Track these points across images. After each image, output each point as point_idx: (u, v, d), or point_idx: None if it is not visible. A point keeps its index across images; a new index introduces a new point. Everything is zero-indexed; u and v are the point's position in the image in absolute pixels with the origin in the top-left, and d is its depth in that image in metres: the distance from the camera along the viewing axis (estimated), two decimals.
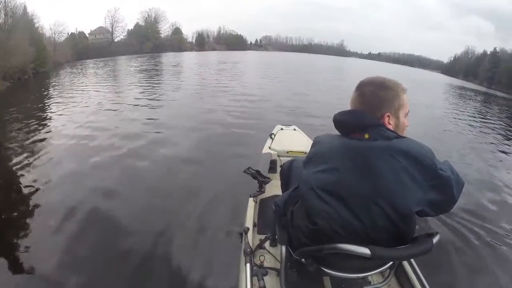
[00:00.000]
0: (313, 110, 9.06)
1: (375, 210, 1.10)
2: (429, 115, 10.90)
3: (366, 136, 1.15)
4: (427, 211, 1.14)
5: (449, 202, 1.18)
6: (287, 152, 3.20)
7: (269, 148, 3.32)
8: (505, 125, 12.62)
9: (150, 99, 10.00)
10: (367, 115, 1.18)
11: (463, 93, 26.31)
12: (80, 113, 8.00)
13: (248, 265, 1.64)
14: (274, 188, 2.50)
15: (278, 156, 3.19)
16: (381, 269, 1.31)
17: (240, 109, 8.74)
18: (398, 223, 1.10)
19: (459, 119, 11.72)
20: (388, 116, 1.20)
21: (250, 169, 2.58)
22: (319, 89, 14.58)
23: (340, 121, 1.24)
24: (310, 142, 1.58)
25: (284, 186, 1.95)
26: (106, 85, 13.03)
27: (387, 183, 1.08)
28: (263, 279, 1.57)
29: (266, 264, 1.83)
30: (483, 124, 11.52)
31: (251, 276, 1.57)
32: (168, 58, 34.98)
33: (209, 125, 6.99)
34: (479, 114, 14.43)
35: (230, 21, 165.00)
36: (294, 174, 1.84)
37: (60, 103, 9.41)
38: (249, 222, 2.20)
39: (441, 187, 1.12)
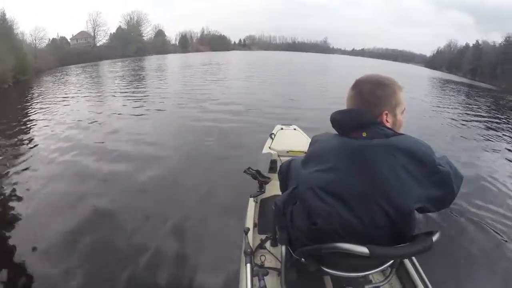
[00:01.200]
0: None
1: (375, 208, 1.11)
2: (415, 106, 11.23)
3: (364, 134, 1.16)
4: (428, 207, 1.15)
5: (449, 197, 1.19)
6: (287, 152, 3.22)
7: (269, 148, 3.32)
8: (490, 115, 12.98)
9: (136, 107, 9.56)
10: (365, 114, 1.19)
11: (449, 85, 26.87)
12: (61, 124, 7.54)
13: (248, 265, 1.64)
14: (274, 188, 2.48)
15: (278, 156, 3.20)
16: (382, 267, 1.32)
17: (233, 110, 8.72)
18: (398, 221, 1.11)
19: (444, 109, 12.10)
20: (386, 114, 1.22)
21: (250, 169, 2.57)
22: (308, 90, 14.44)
23: (338, 120, 1.24)
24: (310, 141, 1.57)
25: (283, 186, 1.96)
26: (88, 94, 12.53)
27: (386, 181, 1.09)
28: (263, 279, 1.57)
29: (266, 264, 1.85)
30: (469, 115, 11.84)
31: (252, 276, 1.58)
32: (151, 61, 34.50)
33: (204, 128, 6.95)
34: (466, 105, 14.97)
35: (213, 22, 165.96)
36: (293, 174, 1.84)
37: (41, 113, 8.92)
38: (249, 222, 2.21)
39: (441, 182, 1.13)
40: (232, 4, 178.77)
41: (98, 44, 49.39)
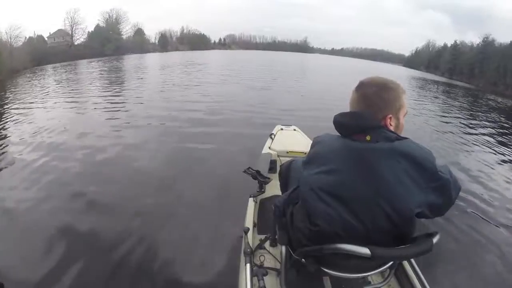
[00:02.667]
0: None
1: (376, 211, 1.11)
2: None
3: (368, 138, 1.15)
4: (426, 213, 1.16)
5: (446, 204, 1.20)
6: (287, 152, 3.21)
7: (269, 148, 3.32)
8: (470, 112, 13.65)
9: (120, 108, 8.94)
10: (369, 117, 1.18)
11: (427, 84, 27.77)
12: (34, 129, 6.80)
13: (248, 265, 1.65)
14: (274, 188, 2.47)
15: (278, 156, 3.19)
16: (381, 269, 1.32)
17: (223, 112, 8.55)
18: (399, 224, 1.12)
19: (423, 107, 12.59)
20: (390, 117, 1.21)
21: (250, 169, 2.57)
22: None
23: (341, 123, 1.23)
24: (310, 142, 1.64)
25: (283, 187, 1.96)
26: (64, 97, 11.53)
27: (389, 185, 1.09)
28: (263, 279, 1.58)
29: (266, 264, 1.84)
30: (448, 112, 12.40)
31: (251, 276, 1.59)
32: (129, 61, 33.42)
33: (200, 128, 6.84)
34: (444, 103, 15.58)
35: (193, 21, 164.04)
36: (293, 175, 1.84)
37: (13, 118, 8.09)
38: (249, 222, 2.21)
39: (441, 189, 1.14)
40: (212, 2, 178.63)
41: (76, 43, 48.02)
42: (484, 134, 8.96)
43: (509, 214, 3.93)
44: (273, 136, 3.68)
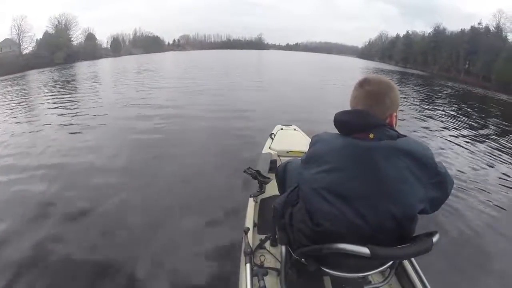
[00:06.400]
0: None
1: (381, 210, 1.11)
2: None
3: (371, 136, 1.15)
4: (427, 209, 1.18)
5: (443, 199, 1.23)
6: (287, 152, 3.20)
7: (269, 148, 3.31)
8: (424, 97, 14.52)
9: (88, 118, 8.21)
10: (373, 115, 1.18)
11: (383, 74, 27.51)
12: None
13: (248, 265, 1.65)
14: (274, 188, 2.42)
15: (278, 156, 3.18)
16: (381, 268, 1.32)
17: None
18: (403, 222, 1.13)
19: None
20: (396, 115, 1.24)
21: (250, 169, 2.56)
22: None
23: (344, 121, 1.22)
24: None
25: (281, 188, 1.96)
26: (14, 114, 9.55)
27: (393, 182, 1.10)
28: (263, 279, 1.58)
29: (266, 264, 1.83)
30: (406, 99, 12.98)
31: (251, 276, 1.59)
32: (81, 69, 30.92)
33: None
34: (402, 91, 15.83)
35: (146, 23, 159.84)
36: (290, 175, 1.84)
37: None
38: (249, 222, 2.20)
39: (439, 184, 1.17)
40: (165, 3, 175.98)
41: (24, 52, 44.51)
42: (440, 118, 9.83)
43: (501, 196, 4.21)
44: (273, 136, 3.69)
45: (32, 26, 47.27)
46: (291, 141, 3.58)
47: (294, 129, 4.06)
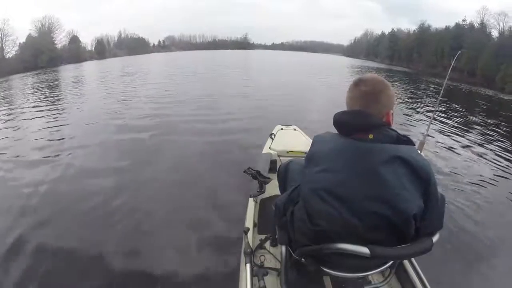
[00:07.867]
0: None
1: (377, 211, 1.11)
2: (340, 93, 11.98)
3: (370, 136, 1.15)
4: (418, 217, 1.14)
5: (434, 215, 1.18)
6: (287, 152, 3.20)
7: (269, 148, 3.31)
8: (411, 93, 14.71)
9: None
10: (372, 115, 1.18)
11: (369, 71, 28.52)
12: None
13: (248, 265, 1.66)
14: (274, 188, 2.44)
15: (278, 156, 3.18)
16: (381, 268, 1.33)
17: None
18: (399, 224, 1.12)
19: None
20: (392, 113, 1.24)
21: (250, 169, 2.58)
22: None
23: (343, 121, 1.23)
24: (310, 141, 1.63)
25: (282, 188, 1.95)
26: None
27: (389, 185, 1.09)
28: (263, 279, 1.59)
29: (266, 264, 1.84)
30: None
31: (251, 276, 1.60)
32: (63, 73, 29.47)
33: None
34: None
35: (130, 24, 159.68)
36: (291, 175, 1.83)
37: None
38: (249, 222, 2.20)
39: (428, 201, 1.14)
40: (149, 4, 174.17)
41: (7, 56, 43.24)
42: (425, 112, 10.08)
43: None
44: (273, 136, 3.69)
45: (15, 29, 45.92)
46: (291, 141, 3.57)
47: (294, 129, 4.06)
